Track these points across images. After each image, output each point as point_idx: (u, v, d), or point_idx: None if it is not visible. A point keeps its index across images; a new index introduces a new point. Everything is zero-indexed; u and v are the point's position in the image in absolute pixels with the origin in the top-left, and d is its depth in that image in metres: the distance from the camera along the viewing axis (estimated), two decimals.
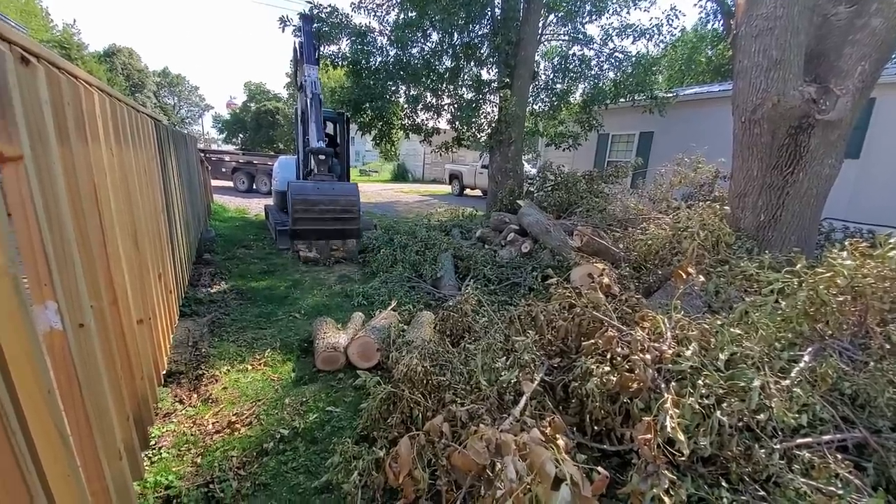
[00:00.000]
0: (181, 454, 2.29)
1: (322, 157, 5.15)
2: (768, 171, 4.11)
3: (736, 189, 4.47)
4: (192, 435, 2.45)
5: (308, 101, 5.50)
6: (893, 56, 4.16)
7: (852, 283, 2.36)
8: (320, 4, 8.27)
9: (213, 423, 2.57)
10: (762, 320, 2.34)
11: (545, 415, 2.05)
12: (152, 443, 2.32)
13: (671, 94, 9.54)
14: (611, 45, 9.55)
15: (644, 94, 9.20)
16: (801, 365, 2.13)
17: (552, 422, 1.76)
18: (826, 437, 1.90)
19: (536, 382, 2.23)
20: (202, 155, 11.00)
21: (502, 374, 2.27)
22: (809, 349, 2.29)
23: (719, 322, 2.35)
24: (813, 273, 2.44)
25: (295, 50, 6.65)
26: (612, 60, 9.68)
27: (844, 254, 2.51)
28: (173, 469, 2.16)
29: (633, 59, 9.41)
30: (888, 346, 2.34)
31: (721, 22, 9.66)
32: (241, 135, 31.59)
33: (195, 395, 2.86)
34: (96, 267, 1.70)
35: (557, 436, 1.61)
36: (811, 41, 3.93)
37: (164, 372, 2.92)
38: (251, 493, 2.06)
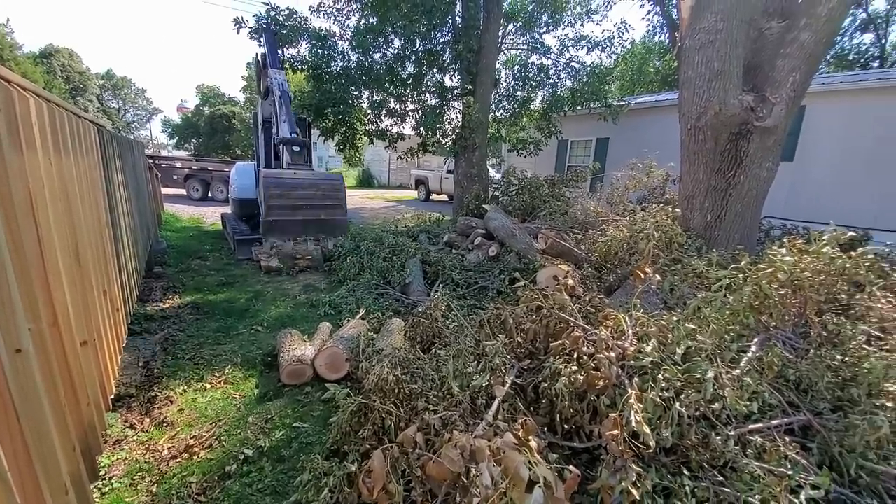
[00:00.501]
0: (134, 483, 2.13)
1: (296, 147, 4.52)
2: (713, 175, 4.41)
3: (684, 192, 4.75)
4: (145, 462, 2.29)
5: (277, 98, 5.02)
6: (820, 67, 4.59)
7: (792, 277, 2.57)
8: (277, 6, 8.06)
9: (168, 448, 2.41)
10: (713, 315, 2.49)
11: (517, 417, 2.08)
12: (102, 473, 2.15)
13: (624, 103, 10.06)
14: (567, 55, 9.95)
15: (599, 102, 9.63)
16: (750, 355, 2.29)
17: (524, 424, 1.79)
18: (775, 422, 2.05)
19: (508, 385, 2.26)
20: (151, 162, 10.38)
21: (474, 378, 2.28)
22: (756, 340, 2.46)
23: (675, 318, 2.48)
24: (756, 269, 2.63)
25: (257, 61, 6.41)
26: (569, 70, 10.09)
27: (784, 250, 2.73)
28: (126, 500, 2.01)
29: (588, 68, 9.85)
30: (825, 335, 2.56)
31: (667, 35, 10.31)
32: (193, 140, 30.11)
33: (148, 419, 2.67)
34: (34, 285, 1.56)
35: (530, 437, 1.64)
36: (748, 53, 4.27)
37: (113, 396, 2.71)
38: None
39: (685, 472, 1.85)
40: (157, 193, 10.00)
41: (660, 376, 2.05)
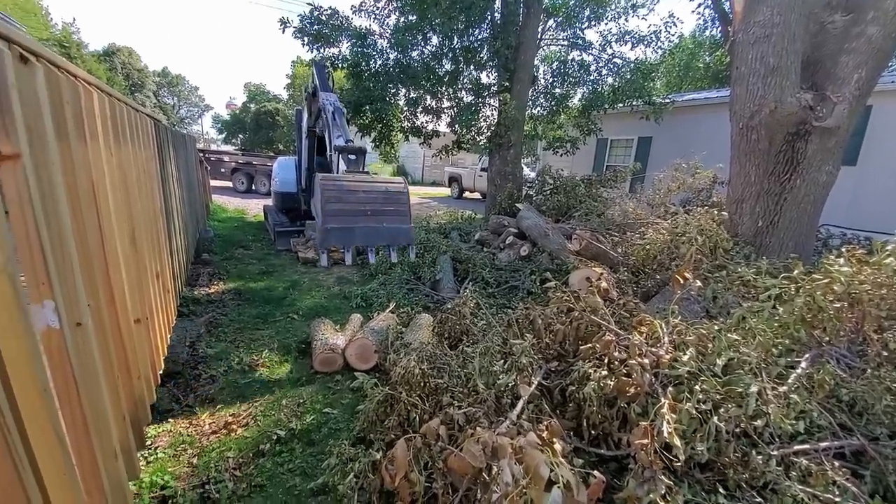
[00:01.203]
0: (177, 454, 2.28)
1: (352, 156, 4.09)
2: (766, 177, 4.13)
3: (734, 195, 4.48)
4: (188, 435, 2.44)
5: (329, 115, 4.87)
6: (890, 64, 4.18)
7: (849, 289, 2.37)
8: (320, 6, 8.29)
9: (209, 424, 2.56)
10: (759, 326, 2.35)
11: (542, 418, 2.05)
12: (149, 443, 2.31)
13: (668, 101, 9.60)
14: (609, 50, 9.60)
15: (642, 99, 9.25)
16: (799, 371, 2.14)
17: (549, 426, 1.76)
18: (823, 444, 1.90)
19: (534, 386, 2.23)
20: (201, 155, 11.00)
21: (500, 377, 2.27)
22: (807, 355, 2.29)
23: (717, 327, 2.35)
24: (810, 279, 2.45)
25: (307, 91, 6.70)
26: (611, 66, 9.74)
27: (841, 260, 2.52)
28: (169, 469, 2.15)
29: (632, 65, 9.47)
30: (885, 354, 2.34)
31: (719, 29, 9.73)
32: (240, 135, 31.58)
33: (192, 396, 2.85)
34: (94, 266, 1.70)
35: (554, 440, 1.61)
36: (808, 48, 3.96)
37: (161, 372, 2.90)
38: (247, 494, 2.05)
39: (721, 490, 1.76)
40: (206, 185, 10.60)
41: (697, 387, 1.95)
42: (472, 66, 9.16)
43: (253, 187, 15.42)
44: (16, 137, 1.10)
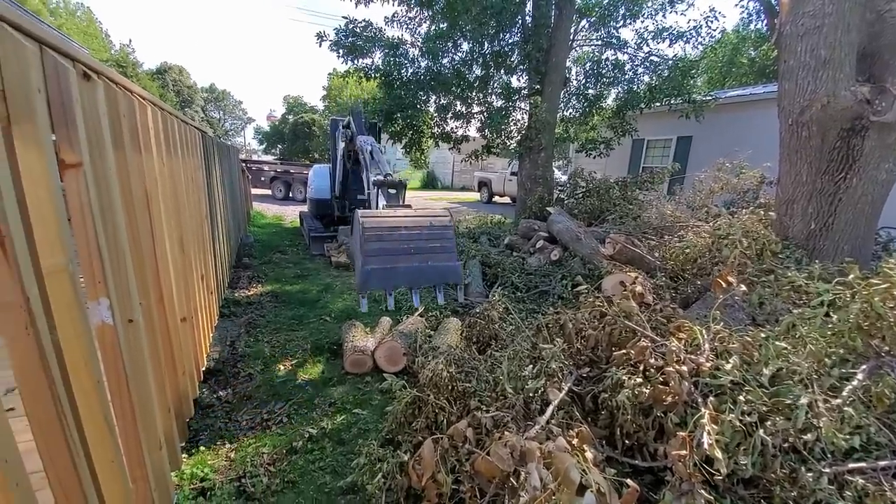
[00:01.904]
0: (216, 448, 2.39)
1: (392, 189, 3.87)
2: (818, 177, 3.85)
3: (783, 195, 4.21)
4: (226, 430, 2.56)
5: (367, 154, 4.77)
6: None
7: None
8: (355, 19, 8.56)
9: (246, 420, 2.68)
10: (811, 334, 2.19)
11: (573, 425, 1.99)
12: (190, 436, 2.44)
13: (710, 98, 9.15)
14: (646, 48, 9.30)
15: (681, 97, 8.88)
16: (854, 383, 1.96)
17: (580, 432, 1.71)
18: (882, 463, 1.74)
19: (564, 392, 2.18)
20: (243, 165, 11.59)
21: (528, 382, 2.23)
22: (864, 366, 2.10)
23: (763, 335, 2.21)
24: (867, 284, 2.26)
25: (344, 132, 7.03)
26: (648, 64, 9.43)
27: None
28: (208, 462, 2.26)
29: (670, 62, 9.13)
30: None
31: (764, 22, 9.21)
32: (279, 145, 33.04)
33: (231, 392, 2.98)
34: (145, 267, 1.83)
35: (585, 447, 1.56)
36: (864, 39, 3.68)
37: (204, 368, 3.07)
38: (280, 489, 2.12)
39: None
40: (247, 193, 11.15)
41: (741, 398, 1.84)
42: (502, 71, 9.15)
43: (290, 195, 16.05)
44: (79, 147, 1.21)
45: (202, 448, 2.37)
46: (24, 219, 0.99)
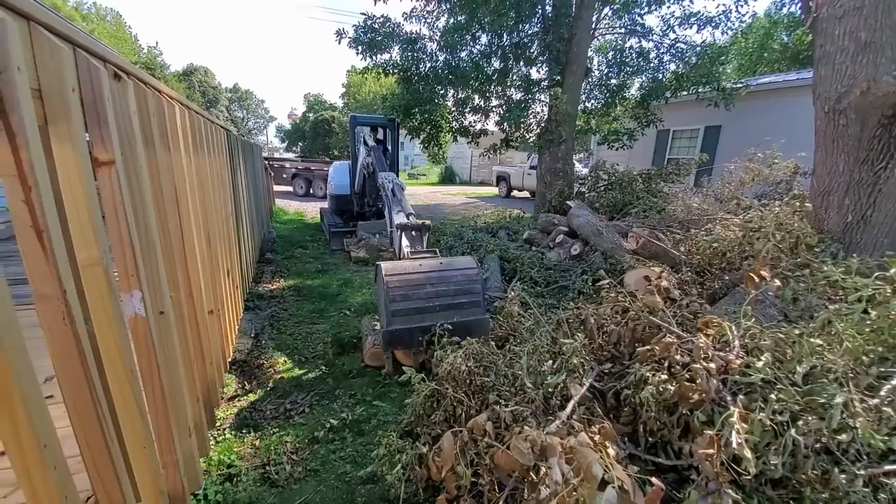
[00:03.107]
0: (242, 436, 2.47)
1: (414, 232, 3.79)
2: (857, 167, 3.65)
3: (819, 186, 4.01)
4: (252, 419, 2.64)
5: (389, 192, 4.60)
6: None
7: None
8: (374, 15, 8.57)
9: (270, 410, 2.75)
10: (848, 331, 2.08)
11: (594, 421, 1.96)
12: (218, 423, 2.53)
13: (741, 85, 8.77)
14: (672, 35, 8.98)
15: (710, 85, 8.54)
16: (894, 382, 1.86)
17: (602, 429, 1.68)
18: None
19: (586, 387, 2.14)
20: (266, 162, 11.84)
21: (548, 377, 2.21)
22: None
23: (797, 331, 2.12)
24: None
25: (360, 141, 7.19)
26: (674, 51, 9.10)
27: None
28: (235, 448, 2.34)
29: (698, 48, 8.78)
30: None
31: (798, 5, 8.75)
32: (300, 143, 33.62)
33: (255, 382, 3.07)
34: (175, 261, 1.89)
35: (607, 443, 1.54)
36: None
37: (230, 359, 3.17)
38: (302, 477, 2.17)
39: None
40: (270, 190, 11.40)
41: (772, 396, 1.77)
42: (521, 63, 9.00)
43: (311, 191, 16.32)
44: (111, 146, 1.25)
45: (228, 436, 2.45)
46: (60, 214, 1.03)
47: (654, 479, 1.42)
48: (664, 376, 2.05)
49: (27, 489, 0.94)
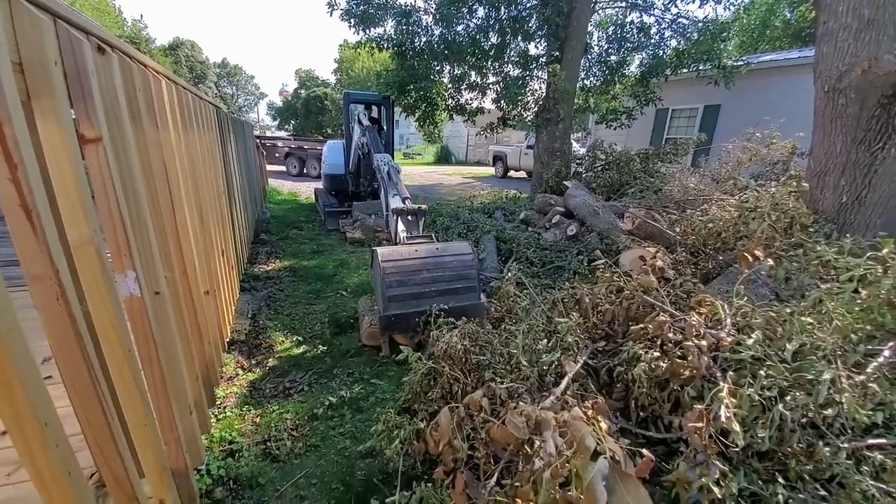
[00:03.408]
0: (243, 414, 2.51)
1: (410, 217, 3.81)
2: (854, 147, 3.64)
3: (815, 166, 4.01)
4: (251, 397, 2.68)
5: (385, 174, 4.57)
6: None
7: None
8: None
9: (269, 388, 2.79)
10: (838, 310, 2.12)
11: (587, 396, 2.01)
12: (218, 402, 2.56)
13: (742, 63, 8.63)
14: (674, 10, 8.76)
15: (711, 62, 8.39)
16: (881, 360, 1.91)
17: (595, 403, 1.72)
18: None
19: (580, 365, 2.19)
20: (258, 141, 11.61)
21: (543, 355, 2.25)
22: (891, 343, 2.04)
23: (788, 310, 2.16)
24: None
25: (354, 121, 7.00)
26: (676, 27, 8.89)
27: None
28: (236, 426, 2.38)
29: (700, 24, 8.59)
30: None
31: None
32: (292, 121, 32.91)
33: (254, 362, 3.10)
34: (168, 240, 1.87)
35: (599, 417, 1.58)
36: None
37: (228, 339, 3.18)
38: (303, 452, 2.22)
39: (780, 480, 1.65)
40: (263, 169, 11.22)
41: (761, 372, 1.82)
42: (519, 38, 8.77)
43: (305, 171, 16.09)
44: (97, 122, 1.21)
45: (230, 413, 2.49)
46: (48, 192, 1.01)
47: (644, 451, 1.47)
48: (656, 354, 2.09)
49: (30, 467, 0.95)
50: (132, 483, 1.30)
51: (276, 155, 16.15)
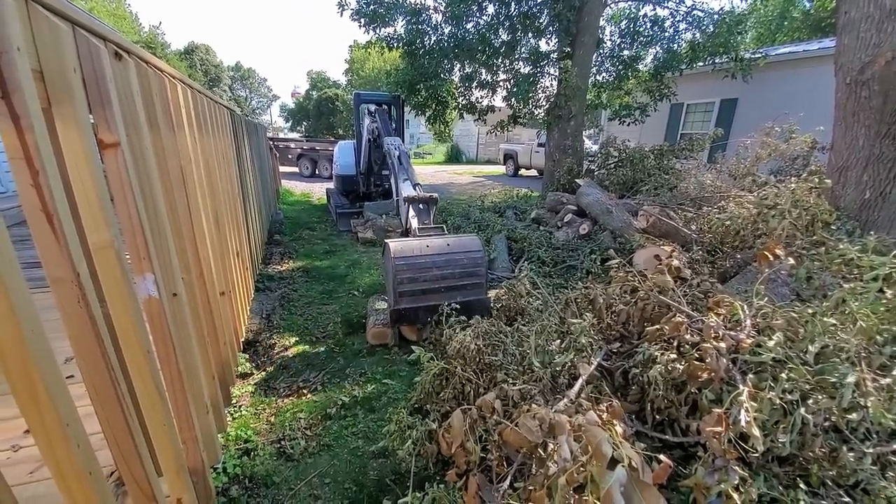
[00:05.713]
0: (258, 413, 2.54)
1: (422, 205, 3.82)
2: (877, 141, 3.52)
3: (837, 161, 3.89)
4: (266, 396, 2.71)
5: (395, 159, 4.56)
6: None
7: None
8: None
9: (283, 388, 2.82)
10: (862, 310, 2.05)
11: (602, 399, 1.98)
12: (234, 401, 2.60)
13: (759, 55, 8.41)
14: (689, 2, 8.58)
15: (727, 55, 8.19)
16: None
17: (610, 407, 1.70)
18: None
19: (594, 366, 2.16)
20: (271, 143, 11.75)
21: (556, 356, 2.22)
22: None
23: (810, 311, 2.09)
24: None
25: (372, 130, 7.01)
26: (691, 19, 8.70)
27: None
28: (251, 425, 2.41)
29: (716, 16, 8.39)
30: None
31: None
32: (304, 123, 33.23)
33: (268, 361, 3.14)
34: (185, 243, 1.90)
35: (615, 421, 1.55)
36: None
37: (243, 339, 3.23)
38: (316, 452, 2.24)
39: (802, 486, 1.60)
40: (276, 171, 11.36)
41: (783, 375, 1.77)
42: (529, 34, 8.69)
43: (317, 171, 16.23)
44: (115, 127, 1.24)
45: (245, 412, 2.53)
46: (69, 197, 1.03)
47: (661, 457, 1.44)
48: (673, 355, 2.05)
49: (52, 465, 0.97)
50: (150, 482, 1.32)
51: (289, 156, 16.33)
